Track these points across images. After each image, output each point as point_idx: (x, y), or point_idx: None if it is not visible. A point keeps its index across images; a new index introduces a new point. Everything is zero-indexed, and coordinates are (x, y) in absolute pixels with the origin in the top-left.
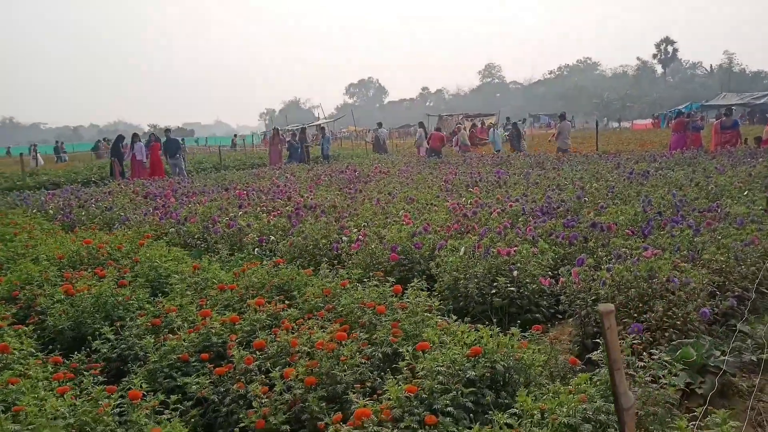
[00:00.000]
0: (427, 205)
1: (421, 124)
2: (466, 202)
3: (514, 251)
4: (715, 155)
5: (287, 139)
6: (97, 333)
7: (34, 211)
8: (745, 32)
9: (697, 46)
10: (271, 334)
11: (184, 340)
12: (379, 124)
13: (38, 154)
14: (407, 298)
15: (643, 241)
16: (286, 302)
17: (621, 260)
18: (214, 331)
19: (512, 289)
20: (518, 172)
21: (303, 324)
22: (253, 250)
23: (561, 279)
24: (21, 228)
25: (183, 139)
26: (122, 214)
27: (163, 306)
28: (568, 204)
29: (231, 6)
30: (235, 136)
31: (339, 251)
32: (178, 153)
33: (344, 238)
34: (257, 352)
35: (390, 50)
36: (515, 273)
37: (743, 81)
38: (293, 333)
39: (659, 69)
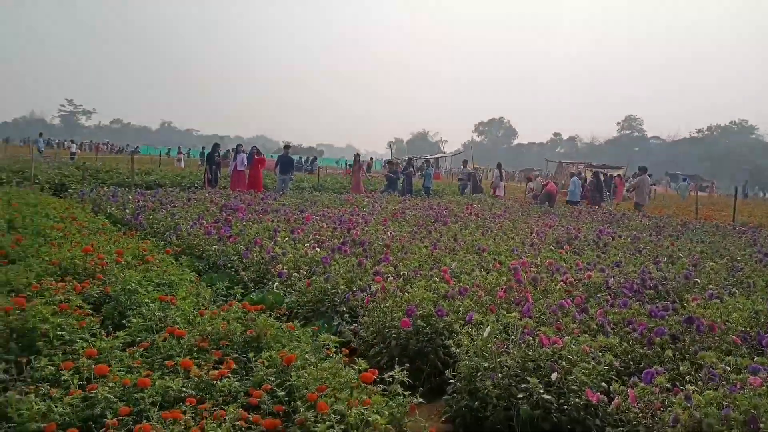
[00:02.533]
0: (495, 258)
1: (498, 165)
2: (537, 261)
3: (562, 343)
4: None
5: (385, 172)
6: None
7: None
8: None
9: None
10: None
11: (57, 405)
12: (498, 165)
13: (182, 157)
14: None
15: (754, 358)
16: (238, 365)
17: (712, 383)
18: (100, 396)
19: (548, 397)
20: (628, 234)
21: (212, 409)
22: (273, 284)
23: (616, 399)
24: (67, 223)
25: (315, 158)
26: (178, 223)
27: (80, 348)
28: (670, 284)
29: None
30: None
31: (354, 303)
32: (290, 170)
33: (373, 287)
34: None
35: (524, 92)
36: (554, 376)
37: None
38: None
39: None
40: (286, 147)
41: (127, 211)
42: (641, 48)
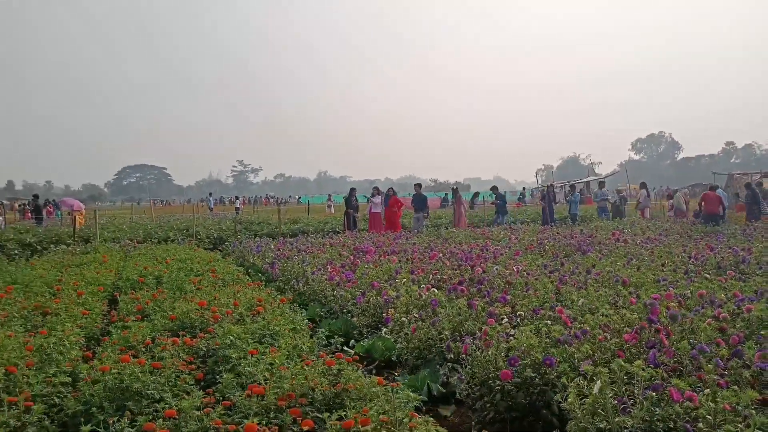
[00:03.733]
0: (632, 292)
1: (642, 185)
2: (688, 293)
3: (697, 399)
4: None
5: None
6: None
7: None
8: None
9: None
10: None
11: None
12: (643, 184)
13: (332, 203)
14: None
15: None
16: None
17: None
18: None
19: None
20: None
21: None
22: (382, 331)
23: None
24: (205, 276)
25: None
26: (305, 270)
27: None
28: None
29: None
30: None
31: (456, 352)
32: (424, 208)
33: (479, 332)
34: None
35: (688, 101)
36: None
37: None
38: None
39: None
40: (417, 185)
41: (266, 260)
42: None
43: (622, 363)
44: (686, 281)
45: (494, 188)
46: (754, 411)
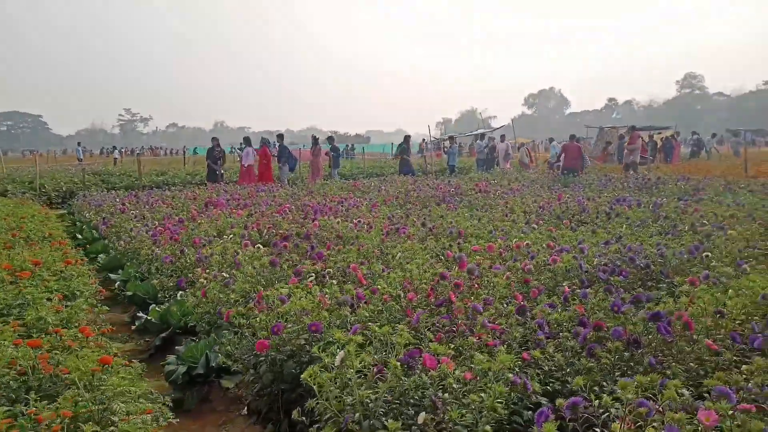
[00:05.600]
0: (458, 244)
1: (502, 137)
2: (512, 244)
3: (453, 366)
4: None
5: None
6: None
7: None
8: None
9: None
10: None
11: None
12: (502, 137)
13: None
14: None
15: (741, 367)
16: None
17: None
18: None
19: None
20: (651, 201)
21: None
22: (181, 294)
23: None
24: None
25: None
26: (133, 225)
27: None
28: (672, 262)
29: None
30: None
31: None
32: (283, 159)
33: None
34: None
35: (575, 59)
36: (422, 417)
37: None
38: None
39: None
40: (279, 136)
41: (101, 216)
42: None
43: (377, 329)
44: (526, 232)
45: (330, 138)
46: (510, 374)
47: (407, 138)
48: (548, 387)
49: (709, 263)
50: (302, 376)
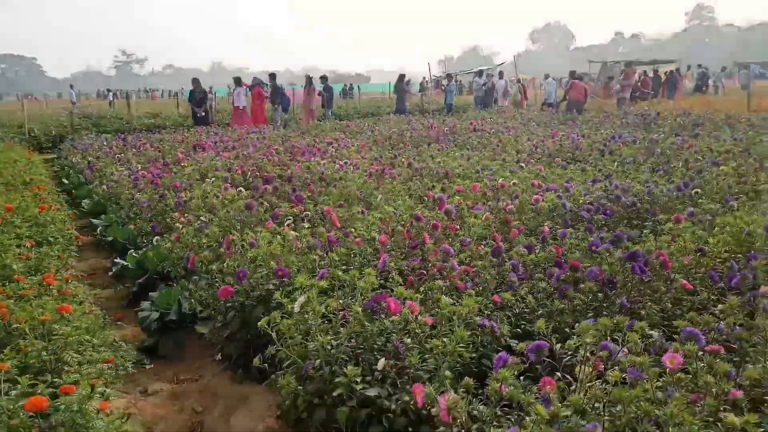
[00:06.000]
0: (441, 184)
1: (501, 74)
2: (497, 184)
3: (418, 309)
4: None
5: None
6: None
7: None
8: None
9: None
10: None
11: None
12: (500, 74)
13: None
14: None
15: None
16: None
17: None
18: None
19: (372, 394)
20: (647, 137)
21: None
22: (157, 239)
23: (436, 406)
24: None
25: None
26: (115, 171)
27: None
28: (661, 200)
29: None
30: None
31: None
32: (277, 100)
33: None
34: None
35: None
36: (381, 363)
37: None
38: None
39: None
40: (271, 76)
41: (88, 160)
42: None
43: (341, 273)
44: (514, 170)
45: (323, 78)
46: (478, 318)
47: (401, 77)
48: (519, 330)
49: (697, 200)
50: (259, 323)
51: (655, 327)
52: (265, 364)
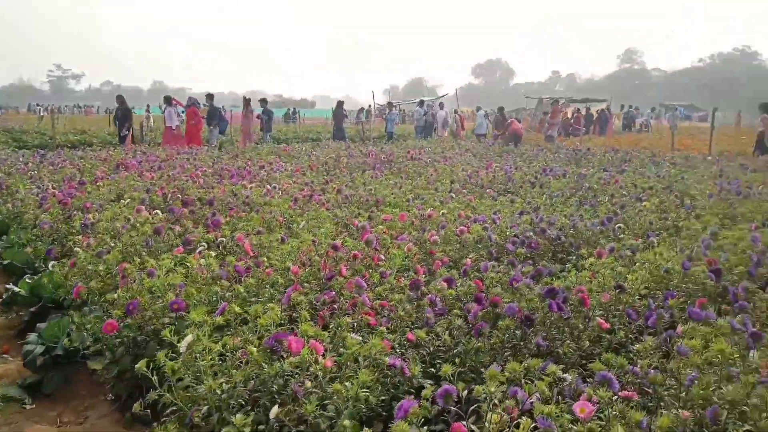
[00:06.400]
0: (364, 213)
1: (441, 105)
2: (425, 214)
3: (322, 350)
4: None
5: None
6: None
7: None
8: None
9: None
10: None
11: None
12: (441, 105)
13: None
14: None
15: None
16: None
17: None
18: None
19: None
20: (576, 172)
21: None
22: (53, 264)
23: None
24: None
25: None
26: (22, 188)
27: None
28: (585, 234)
29: None
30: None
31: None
32: (213, 122)
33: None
34: None
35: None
36: (274, 411)
37: None
38: None
39: None
40: (209, 96)
41: None
42: None
43: (237, 309)
44: (446, 200)
45: (262, 101)
46: (386, 358)
47: (340, 103)
48: (434, 369)
49: (620, 235)
50: (136, 366)
51: (572, 367)
52: (147, 410)
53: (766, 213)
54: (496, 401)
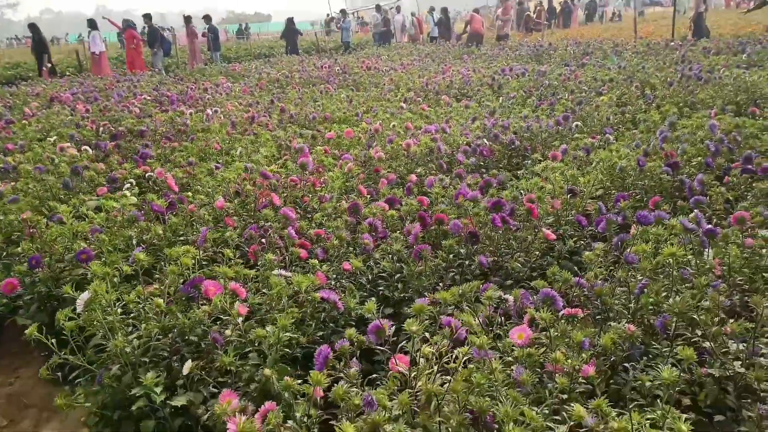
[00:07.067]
0: (335, 128)
1: (398, 8)
2: (371, 127)
3: (245, 295)
4: None
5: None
6: None
7: None
8: None
9: None
10: None
11: None
12: (398, 9)
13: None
14: None
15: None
16: None
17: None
18: None
19: (183, 402)
20: (536, 68)
21: None
22: None
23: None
24: None
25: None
26: None
27: None
28: (541, 136)
29: None
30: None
31: None
32: (156, 44)
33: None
34: None
35: None
36: (187, 366)
37: None
38: None
39: None
40: (146, 16)
41: None
42: None
43: (143, 257)
44: (390, 112)
45: (206, 17)
46: (317, 294)
47: (290, 20)
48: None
49: (576, 134)
50: (27, 331)
51: (523, 282)
52: (58, 373)
53: (726, 97)
54: (427, 335)
